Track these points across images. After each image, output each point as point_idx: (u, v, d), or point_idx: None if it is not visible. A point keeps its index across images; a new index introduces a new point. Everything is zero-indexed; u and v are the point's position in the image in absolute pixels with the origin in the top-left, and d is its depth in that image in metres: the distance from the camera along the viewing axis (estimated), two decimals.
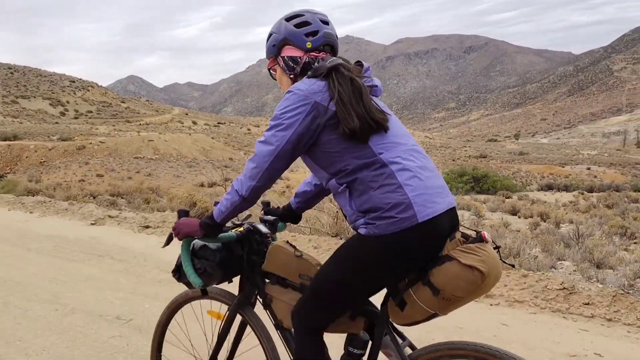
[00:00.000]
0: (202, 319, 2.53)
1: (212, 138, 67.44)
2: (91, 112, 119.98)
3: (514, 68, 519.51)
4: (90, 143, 48.01)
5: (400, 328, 1.99)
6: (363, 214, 1.79)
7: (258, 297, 2.22)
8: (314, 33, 1.95)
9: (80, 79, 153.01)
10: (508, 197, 26.90)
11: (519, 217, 17.84)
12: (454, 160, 69.59)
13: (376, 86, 1.97)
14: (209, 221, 1.98)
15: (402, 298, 1.81)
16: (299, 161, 2.02)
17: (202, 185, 33.38)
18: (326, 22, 1.99)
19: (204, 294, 2.28)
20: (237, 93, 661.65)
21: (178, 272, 2.19)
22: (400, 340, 1.95)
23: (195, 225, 2.00)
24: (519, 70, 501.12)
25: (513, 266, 2.37)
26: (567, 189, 31.99)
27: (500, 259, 1.78)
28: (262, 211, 2.43)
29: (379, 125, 1.79)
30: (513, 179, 43.86)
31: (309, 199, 2.38)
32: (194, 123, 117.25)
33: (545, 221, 15.63)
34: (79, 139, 51.95)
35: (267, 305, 2.16)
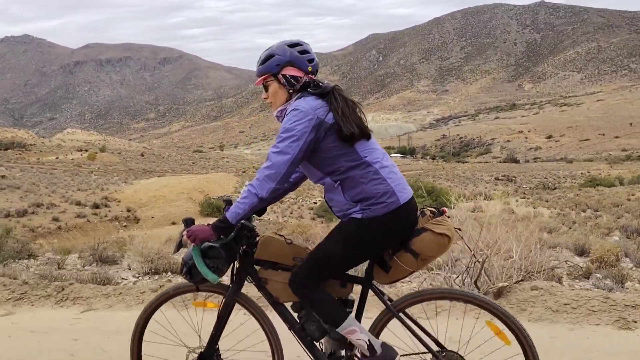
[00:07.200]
0: (187, 311, 2.88)
1: None
2: None
3: (209, 82, 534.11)
4: None
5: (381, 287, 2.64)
6: (357, 203, 2.39)
7: (249, 281, 2.63)
8: (312, 60, 2.49)
9: None
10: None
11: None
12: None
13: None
14: (223, 224, 2.38)
15: (388, 264, 2.47)
16: None
17: None
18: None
19: (198, 289, 2.62)
20: None
21: (189, 273, 2.48)
22: (382, 295, 2.58)
23: (208, 230, 2.38)
24: (213, 85, 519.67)
25: (459, 229, 2.97)
26: None
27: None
28: (226, 209, 2.49)
29: (365, 132, 2.41)
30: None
31: (277, 196, 2.70)
32: None
33: None
34: None
35: (261, 287, 2.58)
